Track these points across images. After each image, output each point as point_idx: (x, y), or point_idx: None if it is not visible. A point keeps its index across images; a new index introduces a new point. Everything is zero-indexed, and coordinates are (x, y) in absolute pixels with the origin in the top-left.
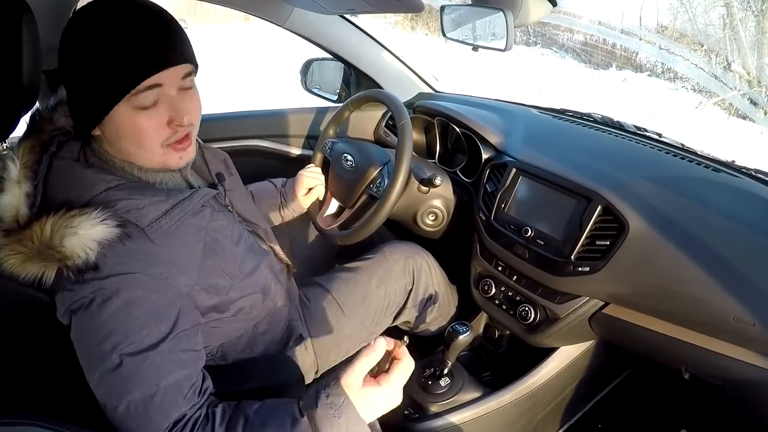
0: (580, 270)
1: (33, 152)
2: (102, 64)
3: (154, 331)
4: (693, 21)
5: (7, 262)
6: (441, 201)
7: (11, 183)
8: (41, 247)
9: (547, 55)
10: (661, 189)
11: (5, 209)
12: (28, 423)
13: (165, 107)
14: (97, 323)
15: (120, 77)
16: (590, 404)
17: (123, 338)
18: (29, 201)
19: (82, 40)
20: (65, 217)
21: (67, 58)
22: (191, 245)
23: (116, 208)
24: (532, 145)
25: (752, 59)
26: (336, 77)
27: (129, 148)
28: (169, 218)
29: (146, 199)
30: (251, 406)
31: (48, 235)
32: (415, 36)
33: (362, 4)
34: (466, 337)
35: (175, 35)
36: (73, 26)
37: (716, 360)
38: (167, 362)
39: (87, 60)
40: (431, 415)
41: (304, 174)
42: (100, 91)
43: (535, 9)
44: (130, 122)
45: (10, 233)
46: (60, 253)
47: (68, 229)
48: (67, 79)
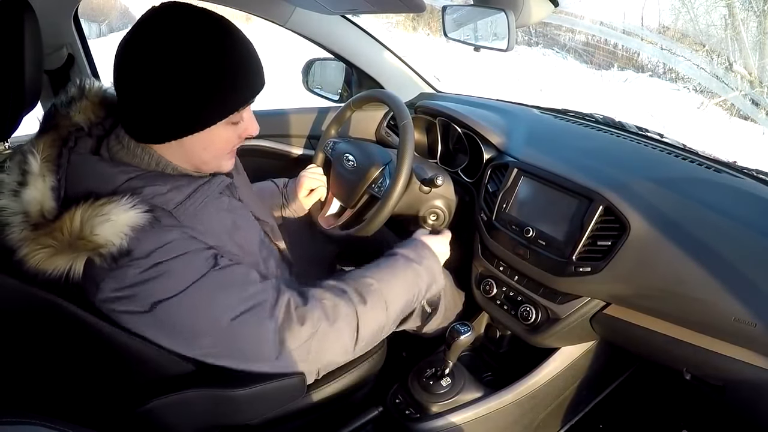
0: (581, 270)
1: (53, 146)
2: (218, 82)
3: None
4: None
5: (34, 258)
6: (442, 201)
7: (34, 177)
8: (71, 238)
9: (548, 56)
10: (663, 189)
11: (30, 203)
12: (29, 422)
13: (245, 122)
14: (160, 294)
15: (235, 96)
16: (591, 405)
17: (189, 282)
18: (55, 194)
19: (188, 53)
20: (94, 206)
21: (153, 66)
22: (219, 219)
23: (142, 194)
24: (533, 146)
25: (754, 60)
26: (337, 77)
27: (205, 157)
28: (193, 200)
29: (168, 185)
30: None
31: (78, 225)
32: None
33: (364, 4)
34: (467, 338)
35: (258, 56)
36: (167, 35)
37: (717, 361)
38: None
39: (196, 75)
40: (432, 415)
41: (306, 175)
42: (209, 107)
43: (537, 9)
44: (221, 136)
45: (39, 227)
46: (92, 242)
47: (100, 217)
48: (149, 87)
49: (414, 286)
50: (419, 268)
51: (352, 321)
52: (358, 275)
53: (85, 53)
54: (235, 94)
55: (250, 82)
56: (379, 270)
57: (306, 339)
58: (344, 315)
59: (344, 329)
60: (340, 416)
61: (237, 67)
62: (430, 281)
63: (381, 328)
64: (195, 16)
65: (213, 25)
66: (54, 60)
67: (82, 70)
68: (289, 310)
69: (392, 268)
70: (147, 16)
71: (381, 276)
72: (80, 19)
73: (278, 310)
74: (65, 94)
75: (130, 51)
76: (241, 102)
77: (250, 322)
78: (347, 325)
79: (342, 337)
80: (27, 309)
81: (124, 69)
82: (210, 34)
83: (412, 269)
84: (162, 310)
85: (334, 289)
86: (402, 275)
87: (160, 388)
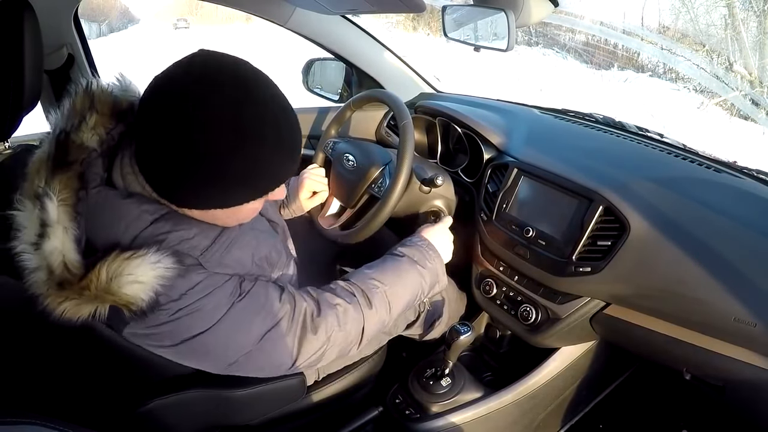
0: (581, 270)
1: (69, 187)
2: (252, 166)
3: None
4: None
5: (59, 309)
6: (442, 201)
7: (53, 227)
8: (99, 292)
9: (548, 56)
10: (663, 189)
11: (52, 256)
12: (29, 422)
13: (278, 190)
14: (191, 331)
15: (270, 181)
16: (591, 405)
17: (221, 314)
18: (79, 247)
19: (218, 127)
20: (119, 260)
21: (182, 135)
22: (243, 251)
23: (167, 241)
24: (533, 146)
25: (754, 59)
26: (337, 77)
27: (228, 222)
28: (219, 245)
29: (194, 229)
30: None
31: (104, 281)
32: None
33: (364, 4)
34: (468, 338)
35: (297, 119)
36: (196, 103)
37: (717, 361)
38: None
39: (227, 154)
40: (432, 415)
41: (308, 176)
42: (240, 190)
43: (537, 9)
44: (252, 209)
45: (64, 285)
46: (121, 299)
47: (128, 277)
48: (179, 154)
49: (417, 288)
50: (423, 270)
51: (359, 324)
52: (366, 277)
53: (85, 53)
54: (270, 180)
55: (288, 165)
56: (384, 272)
57: (320, 347)
58: (353, 319)
59: (351, 332)
60: (341, 416)
61: (278, 147)
62: (433, 282)
63: (383, 326)
64: (238, 84)
65: (259, 99)
66: (54, 60)
67: (82, 70)
68: (305, 321)
69: (397, 270)
70: (183, 67)
71: (386, 278)
72: (80, 19)
73: (296, 322)
74: (70, 115)
75: (155, 107)
76: (277, 183)
77: (272, 338)
78: (354, 328)
79: (348, 338)
80: (28, 309)
81: (152, 119)
82: (257, 112)
83: (417, 271)
84: (193, 343)
85: (344, 292)
86: (406, 277)
87: (160, 389)
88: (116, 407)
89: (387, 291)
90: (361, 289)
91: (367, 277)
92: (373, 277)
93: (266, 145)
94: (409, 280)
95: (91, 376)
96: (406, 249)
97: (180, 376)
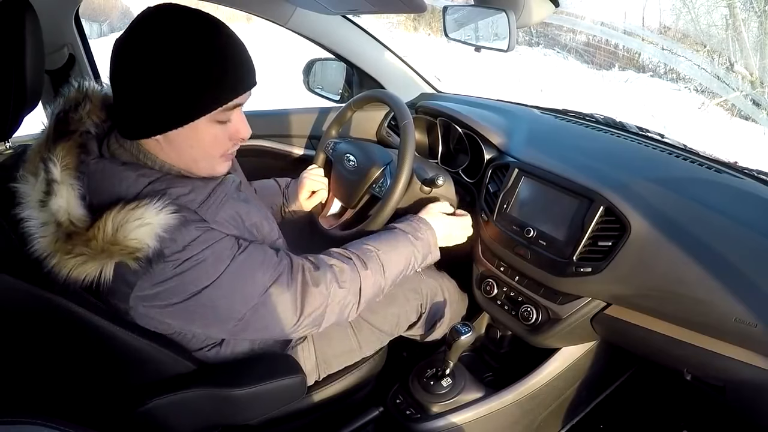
0: (582, 271)
1: (71, 154)
2: (200, 77)
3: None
4: (696, 22)
5: (66, 266)
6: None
7: (58, 186)
8: (105, 244)
9: (549, 56)
10: (664, 190)
11: (59, 213)
12: (30, 422)
13: (233, 123)
14: (198, 284)
15: (217, 92)
16: (592, 405)
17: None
18: (84, 203)
19: (174, 49)
20: (125, 211)
21: (142, 62)
22: (235, 212)
23: (168, 195)
24: (534, 146)
25: (755, 60)
26: (338, 77)
27: (194, 155)
28: (213, 199)
29: (189, 186)
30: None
31: (110, 231)
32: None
33: (365, 4)
34: (468, 338)
35: (251, 59)
36: (156, 33)
37: (718, 361)
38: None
39: (180, 69)
40: (433, 415)
41: (307, 177)
42: (191, 101)
43: (538, 9)
44: (206, 134)
45: (73, 236)
46: (128, 247)
47: (135, 222)
48: (137, 82)
49: (410, 255)
50: (415, 241)
51: (356, 283)
52: (360, 243)
53: (86, 53)
54: (219, 91)
55: (236, 81)
56: (378, 240)
57: (321, 303)
58: (350, 278)
59: (350, 290)
60: (341, 416)
61: (223, 65)
62: (426, 252)
63: (380, 289)
64: (186, 15)
65: (203, 24)
66: (55, 60)
67: (83, 70)
68: (305, 275)
69: (390, 239)
70: (140, 16)
71: (380, 245)
72: (81, 19)
73: (296, 275)
74: (68, 100)
75: (122, 48)
76: (223, 100)
77: (275, 293)
78: (352, 286)
79: (347, 296)
80: (28, 308)
81: (117, 66)
82: (199, 32)
83: (408, 241)
84: (201, 297)
85: (340, 255)
86: (397, 245)
87: (160, 388)
88: (116, 407)
89: (380, 255)
90: (356, 254)
91: (362, 243)
92: (366, 243)
93: (210, 59)
94: (401, 247)
95: (91, 376)
96: (399, 223)
97: (180, 375)
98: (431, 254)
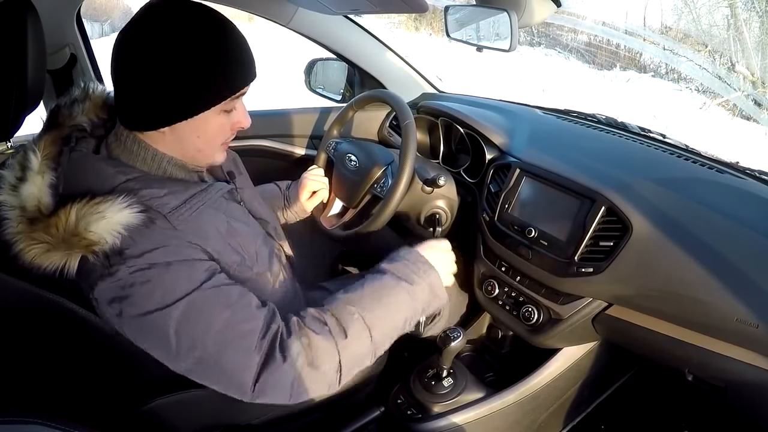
0: (583, 271)
1: (54, 145)
2: (211, 67)
3: (200, 278)
4: (697, 22)
5: (30, 252)
6: (444, 201)
7: (33, 173)
8: (66, 234)
9: (551, 56)
10: (665, 190)
11: (27, 199)
12: (31, 422)
13: (236, 112)
14: (152, 300)
15: (228, 82)
16: (593, 405)
17: (181, 294)
18: (53, 191)
19: (184, 40)
20: (90, 204)
21: (150, 54)
22: (214, 225)
23: (138, 195)
24: (535, 146)
25: (756, 60)
26: (340, 77)
27: (199, 145)
28: (189, 206)
29: (165, 189)
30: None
31: (73, 222)
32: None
33: (366, 4)
34: (459, 343)
35: (251, 50)
36: (164, 24)
37: (719, 361)
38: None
39: (191, 60)
40: (434, 415)
41: (308, 177)
42: (203, 92)
43: (539, 9)
44: (215, 122)
45: (35, 221)
46: (86, 239)
47: (95, 215)
48: (145, 74)
49: (406, 307)
50: (411, 287)
51: (333, 358)
52: (341, 303)
53: (87, 53)
54: (228, 82)
55: (243, 72)
56: (362, 296)
57: (284, 378)
58: (324, 355)
59: (326, 367)
60: (342, 416)
61: (230, 56)
62: (429, 298)
63: (366, 355)
64: (190, 9)
65: (207, 18)
66: (57, 60)
67: (84, 70)
68: (274, 345)
69: (377, 291)
70: (143, 9)
71: (364, 303)
72: (83, 19)
73: (265, 342)
74: (69, 96)
75: (126, 42)
76: (235, 89)
77: (237, 349)
78: (329, 361)
79: (326, 375)
80: (29, 308)
81: (121, 59)
82: (204, 25)
83: (402, 288)
84: (153, 317)
85: (315, 322)
86: (389, 297)
87: (161, 388)
88: (118, 406)
89: (365, 316)
90: (335, 318)
91: (342, 302)
92: (348, 302)
93: (218, 51)
94: (393, 299)
95: (93, 376)
96: (389, 265)
97: (181, 375)
98: (437, 298)
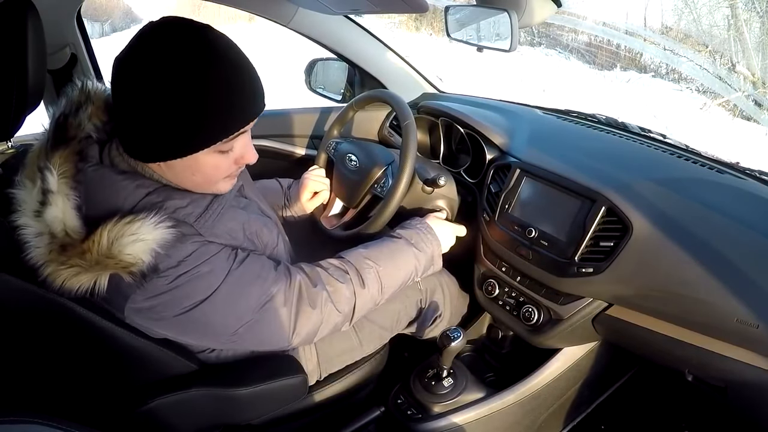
0: (583, 271)
1: (69, 162)
2: (201, 110)
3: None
4: (698, 22)
5: (60, 277)
6: (445, 201)
7: (54, 195)
8: (100, 257)
9: (551, 56)
10: (665, 190)
11: (53, 223)
12: (32, 421)
13: (237, 150)
14: (192, 299)
15: (218, 126)
16: (593, 405)
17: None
18: (80, 213)
19: (176, 77)
20: (120, 224)
21: (142, 88)
22: (234, 221)
23: (164, 209)
24: (536, 146)
25: (757, 60)
26: (340, 77)
27: (197, 181)
28: (211, 212)
29: (187, 199)
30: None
31: (105, 245)
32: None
33: (367, 4)
34: (459, 344)
35: (259, 83)
36: (157, 57)
37: (719, 362)
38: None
39: (181, 100)
40: (434, 415)
41: (309, 177)
42: (190, 135)
43: (540, 9)
44: (209, 163)
45: (67, 248)
46: (122, 261)
47: (130, 237)
48: (137, 107)
49: (411, 269)
50: (419, 253)
51: (351, 302)
52: (360, 255)
53: (87, 53)
54: (222, 125)
55: (241, 113)
56: (379, 252)
57: (315, 323)
58: (346, 299)
59: (344, 310)
60: (342, 416)
61: (227, 96)
62: (428, 264)
63: (375, 304)
64: (187, 40)
65: (204, 51)
66: (57, 60)
67: (84, 69)
68: (301, 293)
69: (392, 251)
70: (142, 32)
71: (380, 259)
72: (83, 19)
73: (292, 292)
74: (70, 101)
75: (123, 67)
76: (229, 132)
77: (269, 310)
78: (347, 306)
79: (341, 316)
80: (29, 308)
81: (115, 87)
82: (199, 61)
83: (412, 253)
84: (194, 313)
85: (337, 270)
86: (400, 258)
87: (161, 388)
88: (117, 406)
89: (380, 271)
90: (355, 268)
91: (362, 256)
92: (367, 256)
93: (211, 91)
94: (403, 260)
95: (92, 375)
96: (404, 231)
97: (181, 375)
98: (433, 265)
